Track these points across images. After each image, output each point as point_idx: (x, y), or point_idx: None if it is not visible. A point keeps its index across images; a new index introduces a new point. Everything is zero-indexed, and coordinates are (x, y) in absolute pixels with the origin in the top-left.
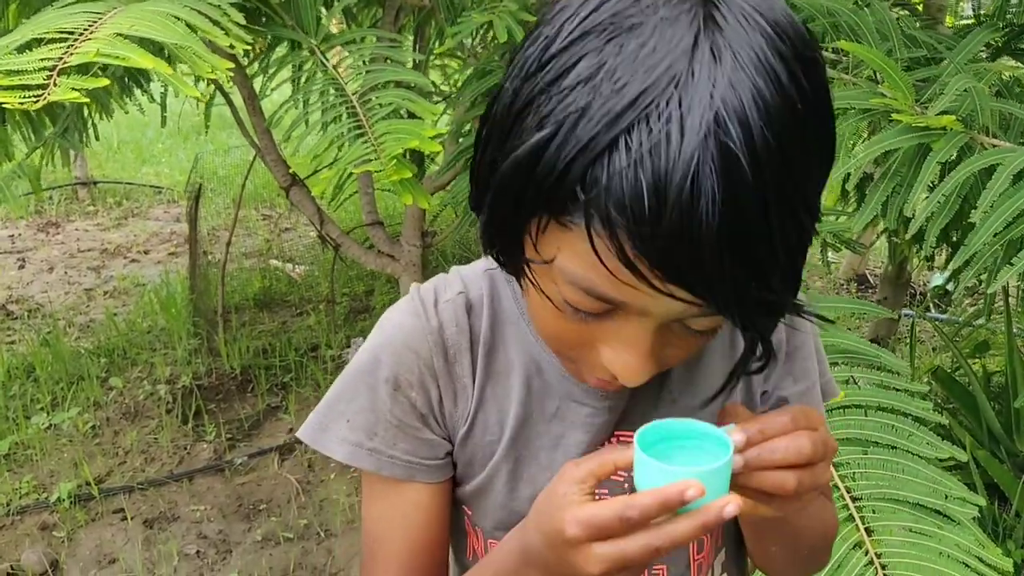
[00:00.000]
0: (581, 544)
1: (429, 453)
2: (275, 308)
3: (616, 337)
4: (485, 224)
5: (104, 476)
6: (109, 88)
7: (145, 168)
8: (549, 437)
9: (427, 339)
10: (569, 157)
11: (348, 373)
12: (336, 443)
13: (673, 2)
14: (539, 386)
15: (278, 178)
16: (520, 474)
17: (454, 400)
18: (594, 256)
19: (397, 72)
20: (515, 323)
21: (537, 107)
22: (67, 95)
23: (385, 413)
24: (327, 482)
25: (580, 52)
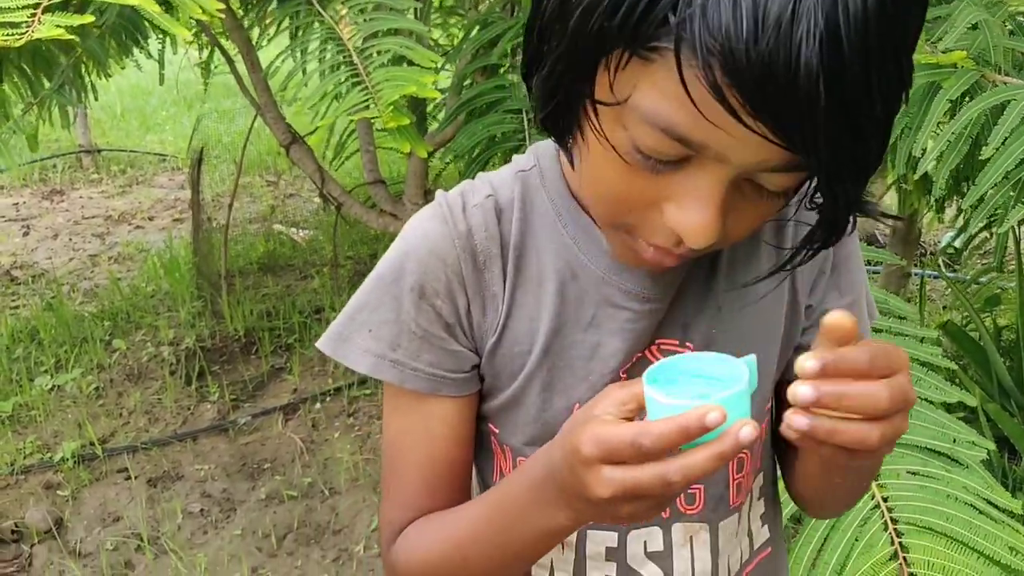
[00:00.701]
0: (593, 464)
1: (454, 365)
2: (279, 272)
3: (685, 191)
4: (545, 77)
5: (108, 436)
6: (105, 43)
7: (149, 136)
8: (585, 346)
9: (455, 245)
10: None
11: (370, 282)
12: (358, 354)
13: None
14: (574, 292)
15: (278, 135)
16: (554, 385)
17: (483, 309)
18: (679, 87)
19: (396, 20)
20: (550, 226)
21: None
22: (51, 32)
23: (409, 323)
24: (331, 441)
25: None
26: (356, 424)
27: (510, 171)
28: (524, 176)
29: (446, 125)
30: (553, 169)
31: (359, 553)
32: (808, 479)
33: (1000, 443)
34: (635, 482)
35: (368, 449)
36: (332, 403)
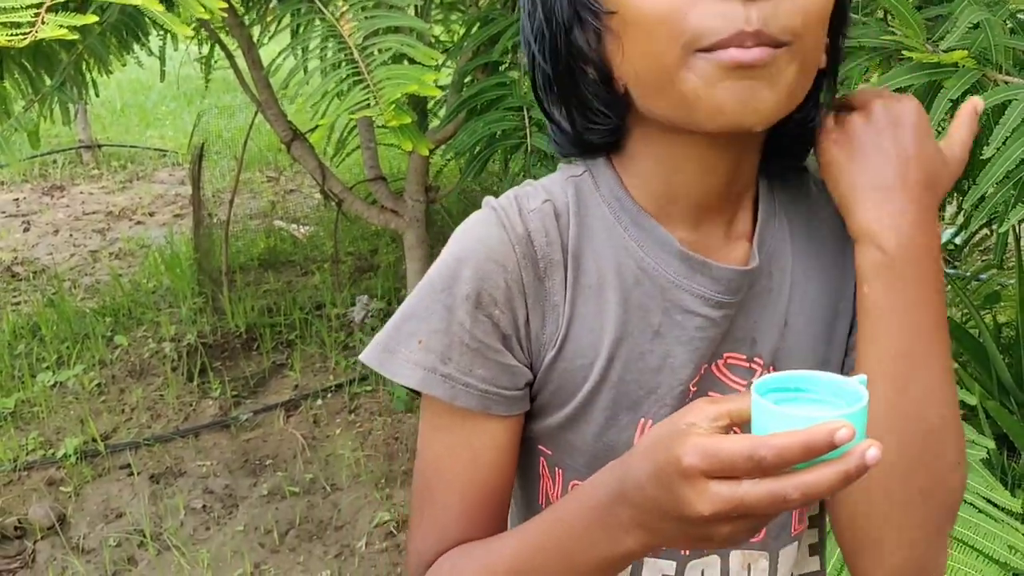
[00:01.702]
0: (697, 477)
1: (508, 381)
2: (280, 268)
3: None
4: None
5: (110, 433)
6: (106, 40)
7: (149, 131)
8: (653, 357)
9: (515, 250)
10: None
11: (420, 290)
12: (407, 367)
13: None
14: (639, 299)
15: (279, 132)
16: (619, 401)
17: (542, 320)
18: None
19: (397, 18)
20: (609, 229)
21: None
22: (55, 32)
23: (463, 335)
24: (332, 437)
25: None
26: (357, 420)
27: (560, 177)
28: (576, 181)
29: (447, 122)
30: (606, 173)
31: (361, 549)
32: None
33: (1000, 440)
34: (746, 499)
35: (369, 445)
36: (333, 399)
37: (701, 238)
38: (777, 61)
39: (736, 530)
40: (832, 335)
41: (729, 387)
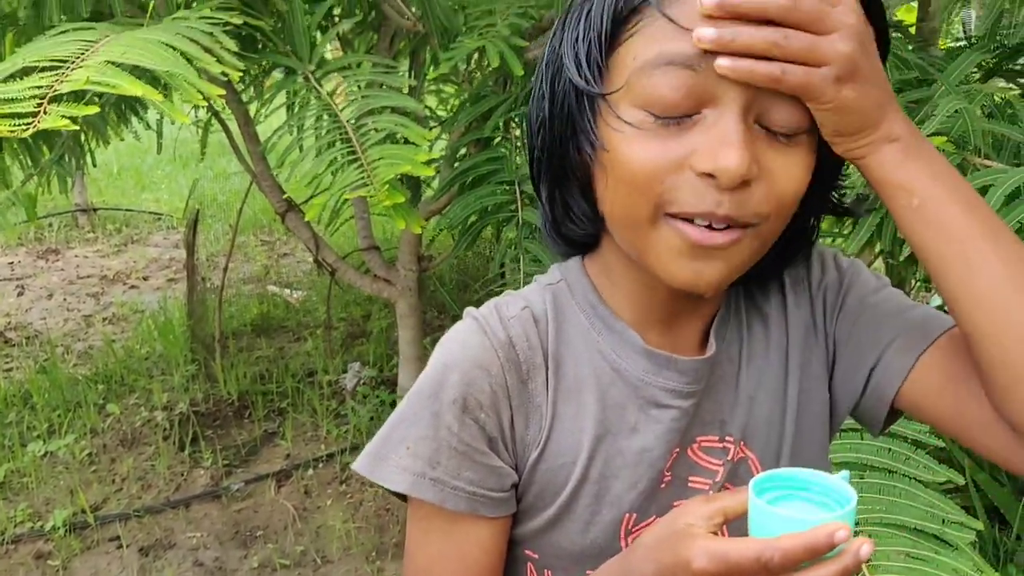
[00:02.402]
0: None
1: (496, 483)
2: (273, 334)
3: (705, 134)
4: (550, 122)
5: (100, 503)
6: (105, 115)
7: (145, 194)
8: (631, 453)
9: (498, 356)
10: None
11: (409, 397)
12: (396, 473)
13: None
14: (615, 398)
15: (274, 204)
16: (602, 497)
17: (526, 422)
18: (667, 25)
19: (391, 98)
20: (583, 334)
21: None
22: (57, 123)
23: (450, 439)
24: (324, 508)
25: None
26: (349, 491)
27: (537, 286)
28: (553, 288)
29: (440, 195)
30: (581, 281)
31: None
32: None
33: (990, 513)
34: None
35: (360, 517)
36: (325, 469)
37: (671, 338)
38: (739, 243)
39: None
40: (786, 401)
41: (705, 469)
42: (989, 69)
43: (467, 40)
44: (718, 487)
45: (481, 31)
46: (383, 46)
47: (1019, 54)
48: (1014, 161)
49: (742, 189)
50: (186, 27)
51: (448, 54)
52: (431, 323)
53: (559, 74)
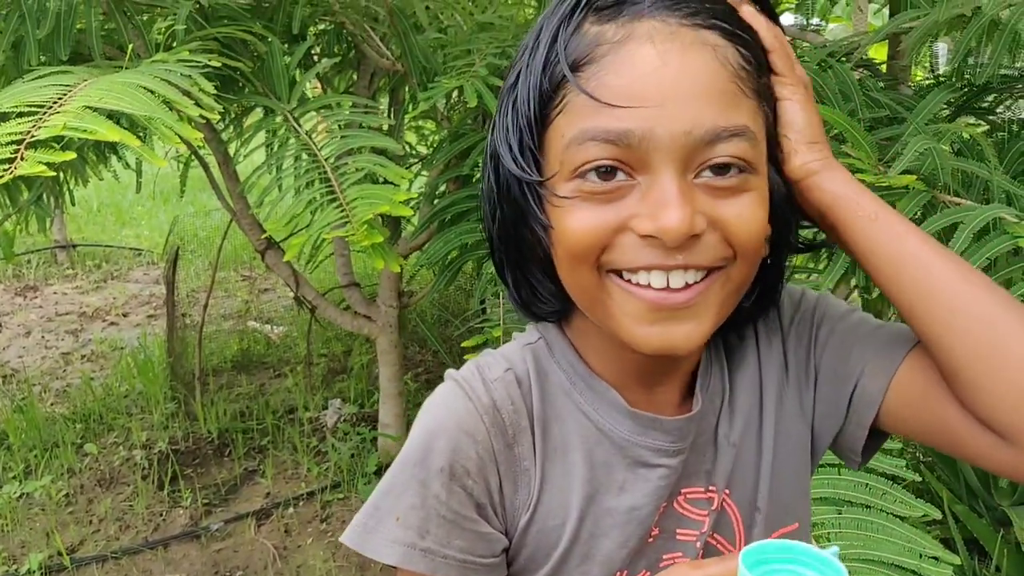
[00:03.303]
0: None
1: (486, 549)
2: (253, 370)
3: (644, 202)
4: (500, 192)
5: (77, 545)
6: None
7: (125, 230)
8: (620, 512)
9: (483, 420)
10: (544, 64)
11: (395, 467)
12: (385, 545)
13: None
14: (602, 457)
15: (253, 242)
16: (592, 556)
17: (515, 486)
18: (588, 102)
19: (370, 138)
20: (567, 394)
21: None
22: (34, 169)
23: (439, 507)
24: (304, 547)
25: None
26: (329, 530)
27: (518, 345)
28: (533, 348)
29: (420, 232)
30: (559, 342)
31: None
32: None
33: (970, 545)
34: None
35: (341, 556)
36: (305, 508)
37: (654, 397)
38: (706, 294)
39: None
40: (761, 443)
41: (692, 520)
42: (958, 106)
43: (445, 80)
44: (704, 538)
45: (459, 70)
46: (362, 84)
47: (986, 92)
48: (983, 197)
49: (693, 242)
50: (164, 70)
51: (426, 94)
52: (412, 359)
53: (499, 164)
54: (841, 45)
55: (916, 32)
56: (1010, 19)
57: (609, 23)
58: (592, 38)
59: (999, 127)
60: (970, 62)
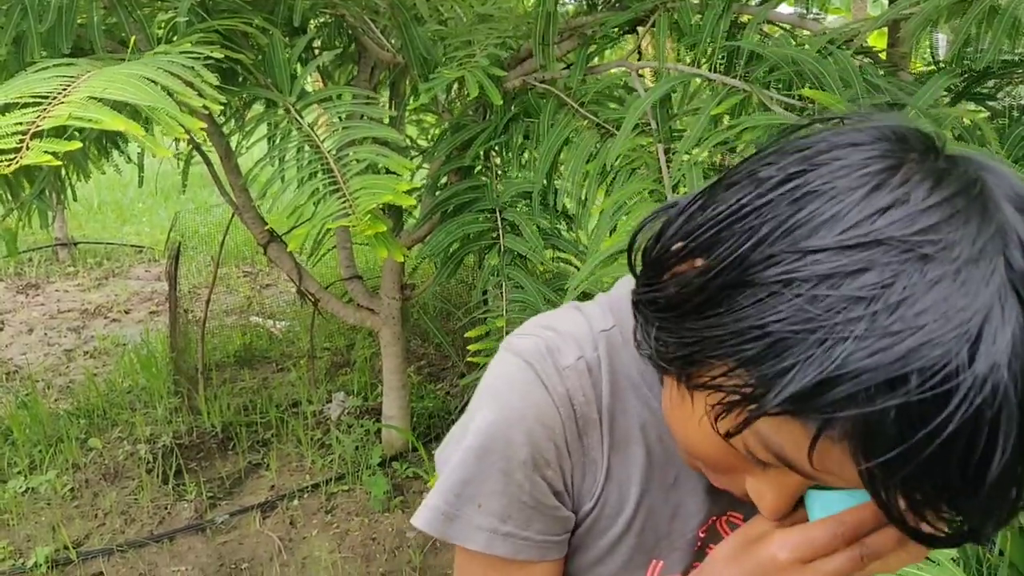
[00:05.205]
0: (791, 567)
1: (561, 528)
2: (256, 365)
3: (772, 481)
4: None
5: (82, 539)
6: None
7: (126, 228)
8: (668, 506)
9: (559, 412)
10: (823, 378)
11: (471, 453)
12: (471, 532)
13: (974, 232)
14: (660, 454)
15: (256, 235)
16: (640, 547)
17: (583, 474)
18: (808, 444)
19: (372, 128)
20: (636, 388)
21: (790, 278)
22: (40, 158)
23: (521, 495)
24: (309, 539)
25: (865, 261)
26: (334, 521)
27: (587, 327)
28: (608, 336)
29: (422, 223)
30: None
31: None
32: None
33: None
34: (831, 570)
35: (346, 547)
36: (310, 499)
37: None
38: None
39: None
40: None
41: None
42: (958, 92)
43: (446, 70)
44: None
45: (460, 61)
46: (363, 78)
47: (987, 77)
48: None
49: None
50: (167, 61)
51: (427, 84)
52: (415, 352)
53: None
54: (841, 32)
55: (916, 18)
56: (1009, 4)
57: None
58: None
59: (1000, 113)
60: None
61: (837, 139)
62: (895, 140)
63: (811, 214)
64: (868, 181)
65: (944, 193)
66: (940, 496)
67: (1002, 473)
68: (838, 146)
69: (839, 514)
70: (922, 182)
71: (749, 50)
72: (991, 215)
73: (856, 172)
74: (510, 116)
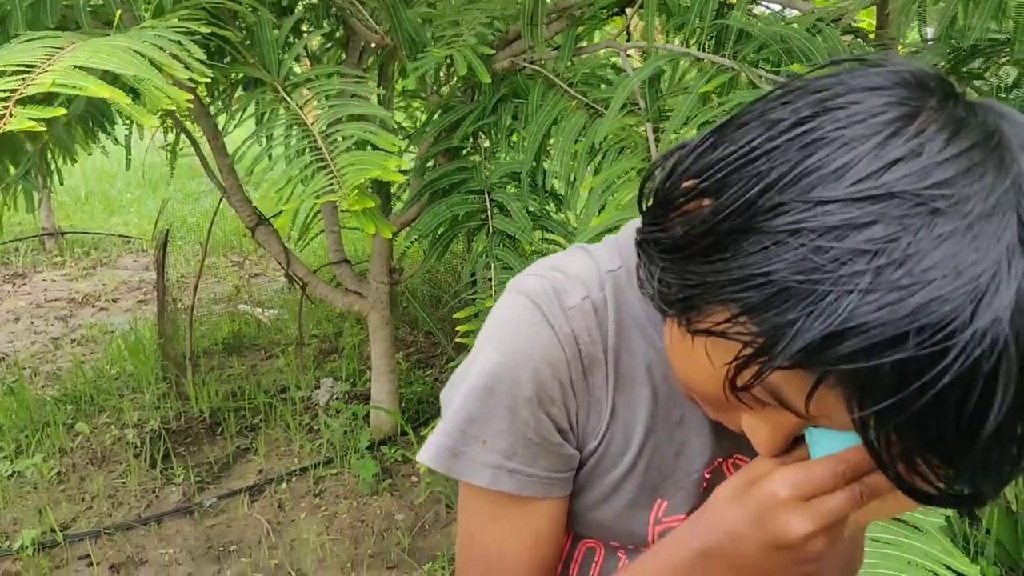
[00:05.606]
0: (790, 504)
1: (565, 466)
2: (244, 352)
3: (767, 419)
4: (680, 288)
5: (69, 522)
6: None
7: (114, 219)
8: (672, 445)
9: (564, 351)
10: (831, 331)
11: (476, 392)
12: (476, 468)
13: (988, 186)
14: (665, 394)
15: (244, 218)
16: (644, 486)
17: (588, 413)
18: (812, 399)
19: (360, 107)
20: (642, 328)
21: (798, 228)
22: (23, 124)
23: (526, 432)
24: (298, 522)
25: (876, 214)
26: (323, 504)
27: (594, 267)
28: (614, 276)
29: (410, 206)
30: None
31: None
32: None
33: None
34: (835, 509)
35: (335, 529)
36: (298, 483)
37: None
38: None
39: (824, 542)
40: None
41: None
42: (946, 71)
43: (434, 49)
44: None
45: (449, 41)
46: (351, 62)
47: (974, 56)
48: None
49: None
50: (154, 35)
51: (415, 64)
52: (404, 339)
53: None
54: (829, 12)
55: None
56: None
57: None
58: None
59: (986, 93)
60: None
61: (855, 82)
62: (914, 85)
63: (821, 161)
64: (882, 129)
65: (961, 145)
66: (933, 449)
67: (998, 428)
68: (855, 89)
69: (841, 453)
70: (939, 132)
71: (738, 29)
72: (1007, 168)
73: (871, 119)
74: (499, 97)
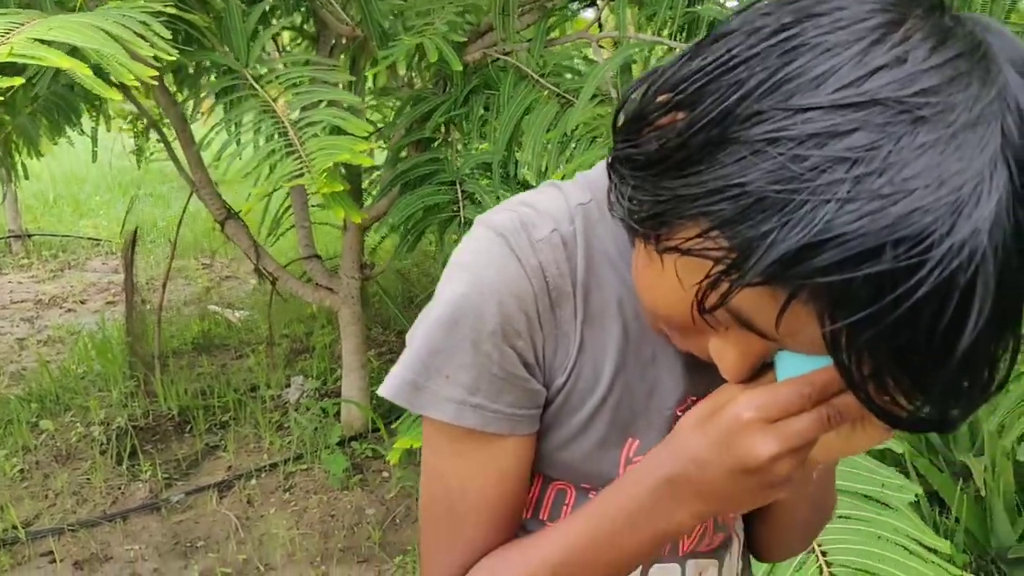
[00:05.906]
0: (754, 426)
1: (531, 402)
2: (214, 351)
3: (734, 341)
4: (647, 203)
5: (32, 519)
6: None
7: (83, 222)
8: (644, 383)
9: (531, 283)
10: (807, 242)
11: (439, 325)
12: (439, 402)
13: (973, 96)
14: (636, 331)
15: (213, 212)
16: (614, 423)
17: (555, 348)
18: (783, 317)
19: (330, 92)
20: (612, 263)
21: (776, 136)
22: None
23: (490, 366)
24: (267, 517)
25: (858, 121)
26: (292, 499)
27: (563, 201)
28: (584, 210)
29: (381, 197)
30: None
31: None
32: (770, 519)
33: (930, 497)
34: (801, 431)
35: (304, 524)
36: (267, 479)
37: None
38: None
39: (791, 466)
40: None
41: None
42: None
43: (405, 38)
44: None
45: (419, 30)
46: (322, 55)
47: None
48: None
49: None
50: (119, 14)
51: (386, 52)
52: (375, 339)
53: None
54: None
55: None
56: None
57: None
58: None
59: None
60: None
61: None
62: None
63: (801, 68)
64: (866, 36)
65: (947, 54)
66: (905, 366)
67: (972, 345)
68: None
69: (807, 374)
70: (924, 40)
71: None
72: (993, 78)
73: (854, 25)
74: (470, 88)
